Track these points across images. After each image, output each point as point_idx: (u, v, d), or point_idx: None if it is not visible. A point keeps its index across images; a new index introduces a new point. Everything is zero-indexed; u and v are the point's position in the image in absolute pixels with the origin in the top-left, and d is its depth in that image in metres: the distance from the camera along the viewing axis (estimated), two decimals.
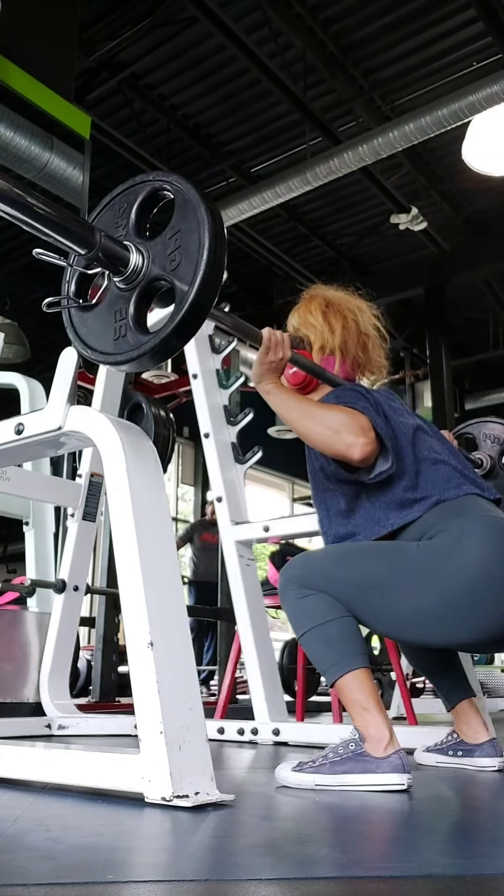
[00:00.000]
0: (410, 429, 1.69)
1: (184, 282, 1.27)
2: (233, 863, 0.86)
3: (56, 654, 2.70)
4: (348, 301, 1.91)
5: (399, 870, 0.85)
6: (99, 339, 1.38)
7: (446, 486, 1.61)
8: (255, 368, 1.76)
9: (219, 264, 1.27)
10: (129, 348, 1.33)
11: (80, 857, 0.87)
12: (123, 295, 1.36)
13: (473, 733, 1.81)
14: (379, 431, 1.59)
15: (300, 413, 1.66)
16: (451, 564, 1.47)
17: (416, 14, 5.63)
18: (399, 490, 1.61)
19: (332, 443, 1.58)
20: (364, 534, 1.64)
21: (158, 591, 1.27)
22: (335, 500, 1.71)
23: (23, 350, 6.42)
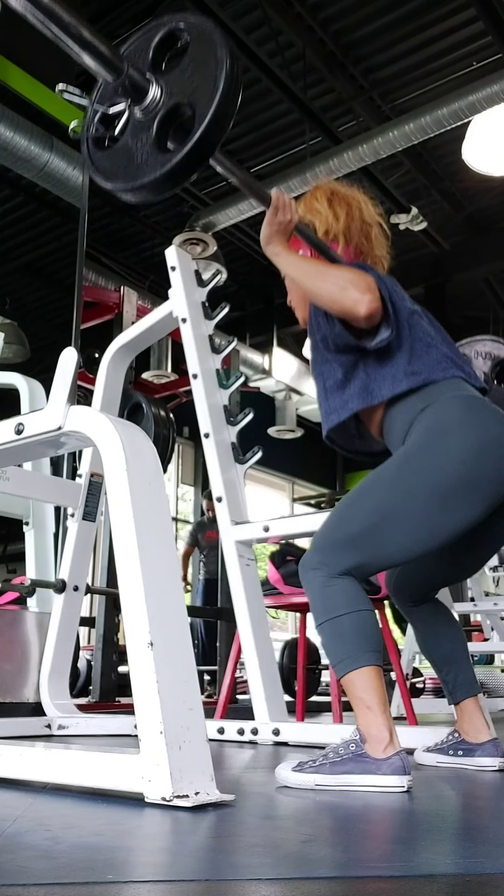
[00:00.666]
0: (408, 310, 1.74)
1: (203, 98, 1.38)
2: (233, 863, 0.86)
3: (56, 654, 2.70)
4: (353, 192, 1.96)
5: (399, 870, 0.85)
6: (120, 170, 1.48)
7: (436, 368, 1.66)
8: (263, 230, 1.79)
9: (236, 79, 1.38)
10: (153, 169, 1.42)
11: (80, 857, 0.87)
12: (145, 123, 1.46)
13: (476, 732, 1.81)
14: (383, 294, 1.64)
15: (309, 271, 1.70)
16: (436, 457, 1.52)
17: (416, 13, 5.63)
18: (394, 363, 1.67)
19: (340, 298, 1.62)
20: (357, 402, 1.69)
21: (158, 591, 1.27)
22: (332, 371, 1.74)
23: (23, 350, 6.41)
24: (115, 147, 1.51)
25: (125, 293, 4.18)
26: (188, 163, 1.39)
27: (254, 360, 8.94)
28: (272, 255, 1.79)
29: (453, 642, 1.86)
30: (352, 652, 1.49)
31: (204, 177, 7.46)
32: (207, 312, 2.87)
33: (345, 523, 1.58)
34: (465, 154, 6.34)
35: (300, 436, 10.19)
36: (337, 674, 1.52)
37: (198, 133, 1.36)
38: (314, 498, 12.36)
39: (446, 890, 0.76)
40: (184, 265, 2.84)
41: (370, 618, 1.54)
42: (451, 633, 1.87)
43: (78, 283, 4.20)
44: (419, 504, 1.52)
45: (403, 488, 1.54)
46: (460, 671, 1.83)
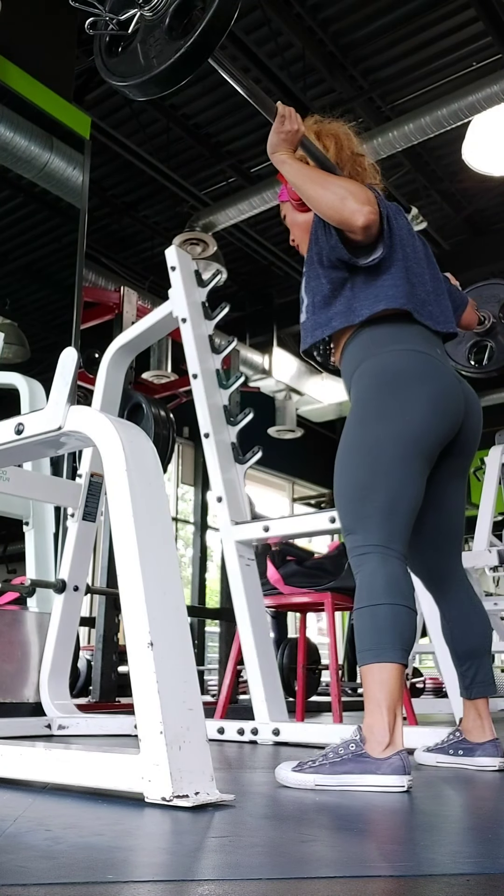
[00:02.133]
0: (406, 237, 1.79)
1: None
2: (233, 863, 0.86)
3: (56, 654, 2.70)
4: (340, 125, 1.99)
5: (399, 869, 0.85)
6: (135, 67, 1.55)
7: (413, 300, 1.72)
8: (270, 138, 1.81)
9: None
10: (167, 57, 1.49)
11: (80, 857, 0.87)
12: (156, 21, 1.54)
13: (479, 732, 1.81)
14: (382, 210, 1.70)
15: (312, 180, 1.73)
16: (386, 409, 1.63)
17: (416, 14, 5.63)
18: (380, 284, 1.72)
19: (340, 207, 1.66)
20: (339, 321, 1.75)
21: (158, 591, 1.27)
22: (321, 287, 1.79)
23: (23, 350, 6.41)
24: (127, 51, 1.58)
25: (125, 293, 4.19)
26: (198, 49, 1.45)
27: (254, 360, 8.94)
28: (278, 162, 1.81)
29: (482, 637, 1.83)
30: (380, 644, 1.48)
31: (204, 177, 7.47)
32: (207, 312, 2.87)
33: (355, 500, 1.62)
34: (464, 154, 6.34)
35: (300, 436, 10.19)
36: (359, 661, 1.51)
37: (206, 18, 1.43)
38: (314, 498, 12.35)
39: (446, 890, 0.76)
40: (184, 265, 2.84)
41: (408, 615, 1.53)
42: (480, 628, 1.84)
43: (78, 283, 4.20)
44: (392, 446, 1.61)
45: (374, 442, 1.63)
46: (481, 668, 1.81)
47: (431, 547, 1.86)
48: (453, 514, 1.85)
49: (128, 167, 6.89)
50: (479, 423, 1.83)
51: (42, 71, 4.19)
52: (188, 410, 3.15)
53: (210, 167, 7.36)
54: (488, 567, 4.53)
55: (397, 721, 1.46)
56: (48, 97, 4.26)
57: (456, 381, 1.73)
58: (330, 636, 3.06)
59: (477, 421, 1.82)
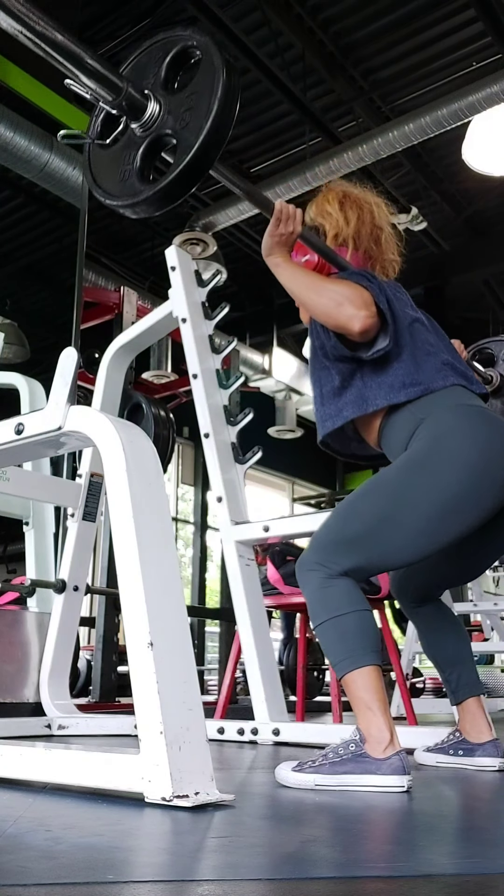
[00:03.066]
0: (410, 318, 1.74)
1: (186, 141, 1.37)
2: (233, 863, 0.86)
3: (56, 654, 2.70)
4: (366, 195, 1.95)
5: (399, 870, 0.85)
6: (108, 179, 1.50)
7: (436, 377, 1.66)
8: (265, 240, 1.79)
9: (222, 132, 1.38)
10: (130, 193, 1.44)
11: (81, 857, 0.87)
12: (136, 141, 1.46)
13: (477, 732, 1.81)
14: (381, 307, 1.65)
15: (306, 285, 1.71)
16: (439, 467, 1.52)
17: (416, 14, 5.63)
18: (392, 372, 1.67)
19: (335, 314, 1.63)
20: (351, 410, 1.70)
21: (158, 591, 1.27)
22: (330, 378, 1.75)
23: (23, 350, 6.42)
24: (109, 151, 1.52)
25: (125, 293, 4.18)
26: (160, 198, 1.41)
27: (254, 360, 8.94)
28: (272, 265, 1.79)
29: (457, 643, 1.86)
30: (353, 651, 1.49)
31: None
32: (207, 312, 2.87)
33: (345, 525, 1.58)
34: (464, 154, 6.34)
35: (300, 436, 10.18)
36: (337, 673, 1.52)
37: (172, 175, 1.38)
38: (314, 498, 12.35)
39: (446, 890, 0.76)
40: (184, 265, 2.84)
41: (370, 618, 1.54)
42: (454, 634, 1.87)
43: (78, 283, 4.20)
44: (420, 511, 1.53)
45: (405, 495, 1.54)
46: (464, 671, 1.83)
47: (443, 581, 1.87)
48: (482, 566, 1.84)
49: None
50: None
51: (42, 71, 4.19)
52: (188, 410, 3.15)
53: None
54: None
55: (391, 718, 1.46)
56: (48, 97, 4.26)
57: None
58: None
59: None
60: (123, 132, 1.49)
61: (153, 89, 1.46)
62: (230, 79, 1.38)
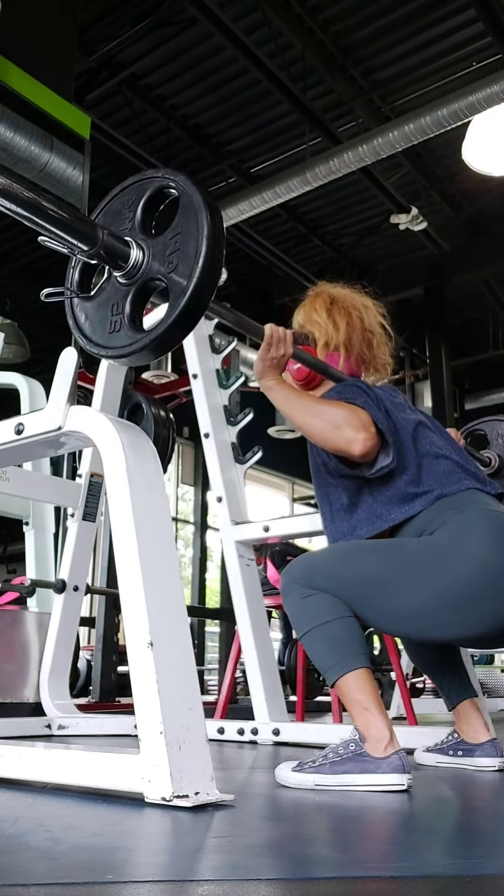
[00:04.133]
0: (412, 424, 1.71)
1: (178, 286, 1.29)
2: (233, 863, 0.86)
3: (56, 654, 2.70)
4: (353, 298, 1.92)
5: (399, 870, 0.85)
6: (96, 331, 1.41)
7: (447, 481, 1.62)
8: (256, 364, 1.77)
9: (214, 272, 1.29)
10: (123, 343, 1.36)
11: (80, 858, 0.87)
12: (122, 290, 1.38)
13: (474, 733, 1.81)
14: (380, 426, 1.60)
15: (301, 409, 1.68)
16: (452, 559, 1.48)
17: (416, 14, 5.63)
18: (401, 484, 1.63)
19: (333, 438, 1.60)
20: (366, 528, 1.65)
21: (158, 591, 1.27)
22: (337, 494, 1.72)
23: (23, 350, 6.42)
24: (94, 300, 1.44)
25: None
26: (157, 347, 1.33)
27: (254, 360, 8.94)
28: (265, 389, 1.77)
29: (442, 649, 1.85)
30: (343, 656, 1.49)
31: (204, 177, 7.46)
32: None
33: (345, 563, 1.56)
34: (464, 154, 6.34)
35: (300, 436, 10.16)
36: (329, 679, 1.51)
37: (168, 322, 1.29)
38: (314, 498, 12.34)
39: (446, 890, 0.76)
40: None
41: (355, 623, 1.53)
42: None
43: None
44: (421, 595, 1.49)
45: (415, 574, 1.50)
46: (454, 676, 1.84)
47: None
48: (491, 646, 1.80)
49: (128, 167, 6.88)
50: None
51: (42, 71, 4.19)
52: (188, 410, 3.15)
53: (210, 167, 7.36)
54: None
55: (388, 718, 1.46)
56: (48, 97, 4.26)
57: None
58: None
59: None
60: (106, 282, 1.42)
61: (132, 234, 1.38)
62: (213, 216, 1.29)
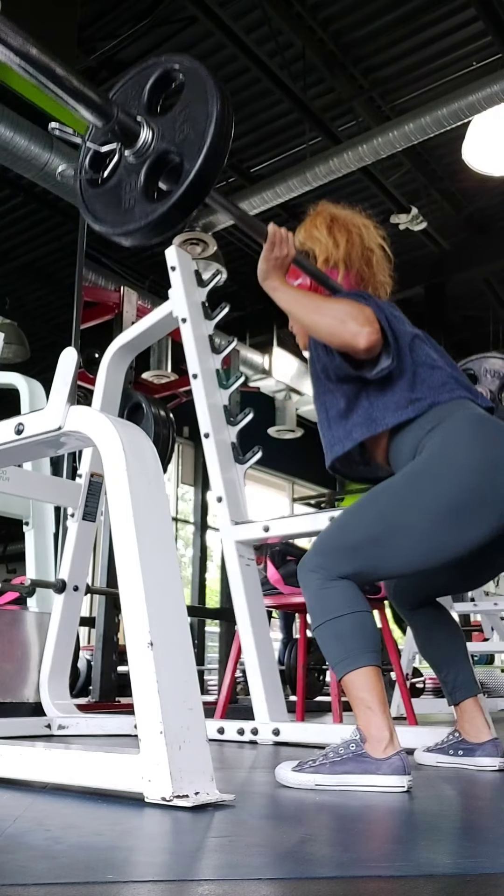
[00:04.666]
0: (409, 335, 1.74)
1: (190, 152, 1.35)
2: (233, 863, 0.86)
3: (56, 654, 2.70)
4: (354, 217, 1.93)
5: (399, 869, 0.85)
6: (109, 212, 1.46)
7: (441, 391, 1.65)
8: (260, 265, 1.78)
9: (225, 135, 1.36)
10: (137, 218, 1.40)
11: (80, 857, 0.87)
12: (134, 168, 1.44)
13: (476, 732, 1.81)
14: (382, 325, 1.64)
15: (307, 306, 1.70)
16: (444, 474, 1.51)
17: (416, 13, 5.63)
18: (397, 390, 1.66)
19: (339, 332, 1.62)
20: (360, 432, 1.69)
21: (158, 591, 1.27)
22: (335, 400, 1.74)
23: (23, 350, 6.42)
24: (105, 187, 1.49)
25: (125, 293, 4.18)
26: (171, 215, 1.37)
27: (254, 360, 8.94)
28: (269, 289, 1.78)
29: (452, 644, 1.86)
30: (352, 652, 1.49)
31: None
32: (207, 312, 2.87)
33: (348, 530, 1.58)
34: (464, 154, 6.34)
35: (300, 436, 10.18)
36: (336, 674, 1.52)
37: (181, 188, 1.34)
38: (314, 498, 12.34)
39: (446, 890, 0.76)
40: (184, 265, 2.84)
41: (369, 619, 1.54)
42: (450, 635, 1.87)
43: (78, 283, 4.20)
44: (425, 520, 1.51)
45: (410, 503, 1.53)
46: (460, 672, 1.83)
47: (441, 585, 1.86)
48: (490, 572, 1.83)
49: None
50: None
51: None
52: (188, 410, 3.15)
53: None
54: None
55: (390, 718, 1.46)
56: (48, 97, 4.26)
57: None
58: None
59: None
60: (118, 164, 1.47)
61: (140, 115, 1.45)
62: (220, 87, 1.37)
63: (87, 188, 1.52)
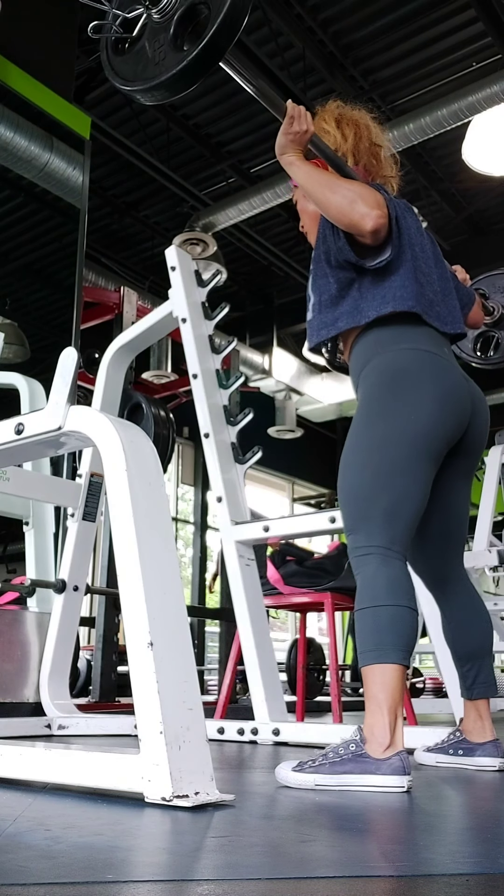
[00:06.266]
0: (415, 233, 1.78)
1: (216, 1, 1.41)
2: (233, 863, 0.86)
3: (56, 654, 2.70)
4: (362, 114, 1.98)
5: (399, 869, 0.85)
6: (139, 71, 1.51)
7: (417, 302, 1.69)
8: (279, 139, 1.81)
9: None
10: (168, 68, 1.45)
11: (80, 857, 0.87)
12: (162, 24, 1.49)
13: (479, 732, 1.80)
14: (391, 213, 1.68)
15: (321, 183, 1.72)
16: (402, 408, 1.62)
17: (416, 14, 5.63)
18: (388, 285, 1.70)
19: (348, 211, 1.65)
20: (345, 321, 1.74)
21: (158, 591, 1.27)
22: (328, 285, 1.78)
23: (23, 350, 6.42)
24: (133, 50, 1.54)
25: (125, 293, 4.19)
26: (202, 60, 1.42)
27: (254, 360, 8.94)
28: (286, 164, 1.80)
29: (483, 638, 1.83)
30: (382, 645, 1.48)
31: (204, 177, 7.47)
32: (207, 312, 2.87)
33: (359, 500, 1.61)
34: (464, 154, 6.34)
35: (300, 436, 10.19)
36: (361, 662, 1.51)
37: (211, 31, 1.39)
38: (314, 498, 12.35)
39: (446, 890, 0.76)
40: (184, 265, 2.84)
41: (409, 616, 1.52)
42: (482, 629, 1.83)
43: (78, 283, 4.20)
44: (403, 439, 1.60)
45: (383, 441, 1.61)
46: (483, 668, 1.80)
47: (435, 548, 1.85)
48: (458, 516, 1.84)
49: (128, 167, 6.88)
50: (486, 424, 1.82)
51: (42, 71, 4.19)
52: (188, 410, 3.15)
53: (210, 167, 7.36)
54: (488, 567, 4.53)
55: (398, 722, 1.46)
56: (48, 97, 4.26)
57: (463, 381, 1.72)
58: (330, 636, 3.06)
59: (484, 421, 1.81)
60: (144, 28, 1.53)
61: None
62: None
63: (113, 56, 1.57)
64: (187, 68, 1.43)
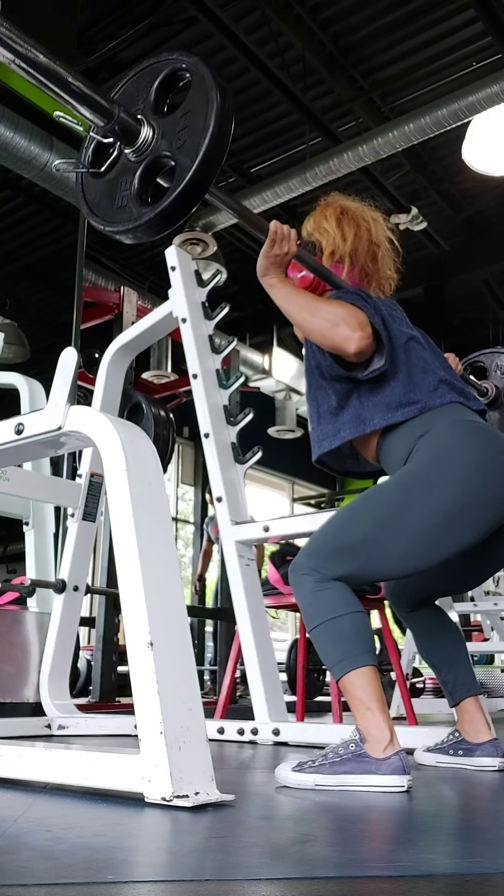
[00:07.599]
0: (405, 336, 1.74)
1: (185, 160, 1.36)
2: (233, 863, 0.86)
3: (56, 654, 2.70)
4: (364, 211, 1.94)
5: (399, 869, 0.85)
6: (103, 206, 1.48)
7: (432, 395, 1.66)
8: (260, 261, 1.80)
9: (220, 147, 1.37)
10: (129, 218, 1.42)
11: (81, 857, 0.87)
12: (131, 167, 1.45)
13: (476, 732, 1.81)
14: (376, 328, 1.65)
15: (301, 306, 1.71)
16: (437, 482, 1.53)
17: (416, 14, 5.63)
18: (388, 392, 1.67)
19: (330, 335, 1.64)
20: (349, 431, 1.70)
21: (158, 591, 1.27)
22: (326, 397, 1.76)
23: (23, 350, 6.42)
24: (103, 179, 1.51)
25: (125, 293, 4.18)
26: (159, 222, 1.39)
27: (254, 360, 8.94)
28: (267, 286, 1.79)
29: (452, 644, 1.86)
30: (350, 653, 1.49)
31: None
32: (207, 312, 2.87)
33: (341, 532, 1.58)
34: (464, 154, 6.34)
35: (300, 436, 10.17)
36: (334, 675, 1.52)
37: (169, 198, 1.36)
38: (314, 498, 12.35)
39: (446, 890, 0.76)
40: (184, 265, 2.84)
41: (365, 619, 1.55)
42: (449, 636, 1.87)
43: (78, 283, 4.20)
44: (419, 523, 1.53)
45: (404, 506, 1.54)
46: (459, 672, 1.83)
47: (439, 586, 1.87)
48: (485, 572, 1.84)
49: None
50: None
51: None
52: (188, 410, 3.15)
53: None
54: None
55: (389, 718, 1.46)
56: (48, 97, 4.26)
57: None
58: None
59: None
60: (117, 160, 1.49)
61: (144, 114, 1.46)
62: (223, 95, 1.37)
63: (87, 177, 1.54)
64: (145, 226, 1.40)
